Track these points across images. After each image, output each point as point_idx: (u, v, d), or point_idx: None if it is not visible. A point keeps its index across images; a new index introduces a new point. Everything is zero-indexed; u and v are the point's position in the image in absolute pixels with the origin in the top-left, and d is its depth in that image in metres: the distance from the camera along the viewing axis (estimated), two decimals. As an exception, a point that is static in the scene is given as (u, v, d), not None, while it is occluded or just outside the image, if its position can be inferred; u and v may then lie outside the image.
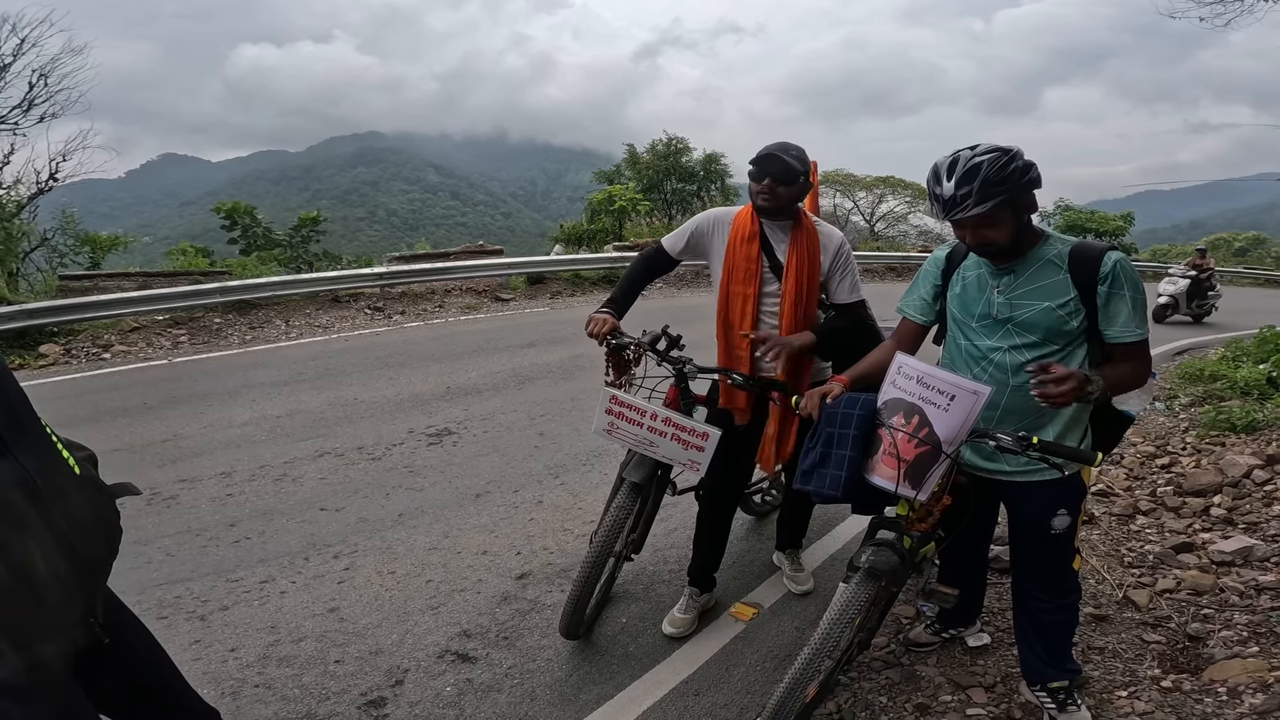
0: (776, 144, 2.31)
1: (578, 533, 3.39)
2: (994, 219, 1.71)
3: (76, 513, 1.16)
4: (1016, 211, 1.73)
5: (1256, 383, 5.60)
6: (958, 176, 1.67)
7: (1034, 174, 1.71)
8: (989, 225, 1.72)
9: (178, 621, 2.73)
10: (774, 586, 2.94)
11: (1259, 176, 50.75)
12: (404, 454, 4.46)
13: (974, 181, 1.65)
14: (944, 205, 1.71)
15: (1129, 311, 1.76)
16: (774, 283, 2.39)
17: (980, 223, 1.72)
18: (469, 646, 2.56)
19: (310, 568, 3.12)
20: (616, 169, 20.89)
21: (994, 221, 1.71)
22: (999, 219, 1.71)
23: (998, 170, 1.65)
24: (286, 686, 2.36)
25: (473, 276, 11.41)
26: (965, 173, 1.66)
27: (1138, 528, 3.45)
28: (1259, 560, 2.99)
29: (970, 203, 1.66)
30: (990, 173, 1.65)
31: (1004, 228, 1.73)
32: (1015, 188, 1.67)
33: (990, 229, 1.73)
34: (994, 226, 1.72)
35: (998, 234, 1.73)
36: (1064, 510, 1.89)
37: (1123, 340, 1.78)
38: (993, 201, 1.66)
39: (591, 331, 2.39)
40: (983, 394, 1.68)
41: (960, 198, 1.67)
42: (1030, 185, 1.71)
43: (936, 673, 2.38)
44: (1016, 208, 1.72)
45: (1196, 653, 2.43)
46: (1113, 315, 1.77)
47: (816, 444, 1.91)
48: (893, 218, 28.62)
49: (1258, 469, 3.82)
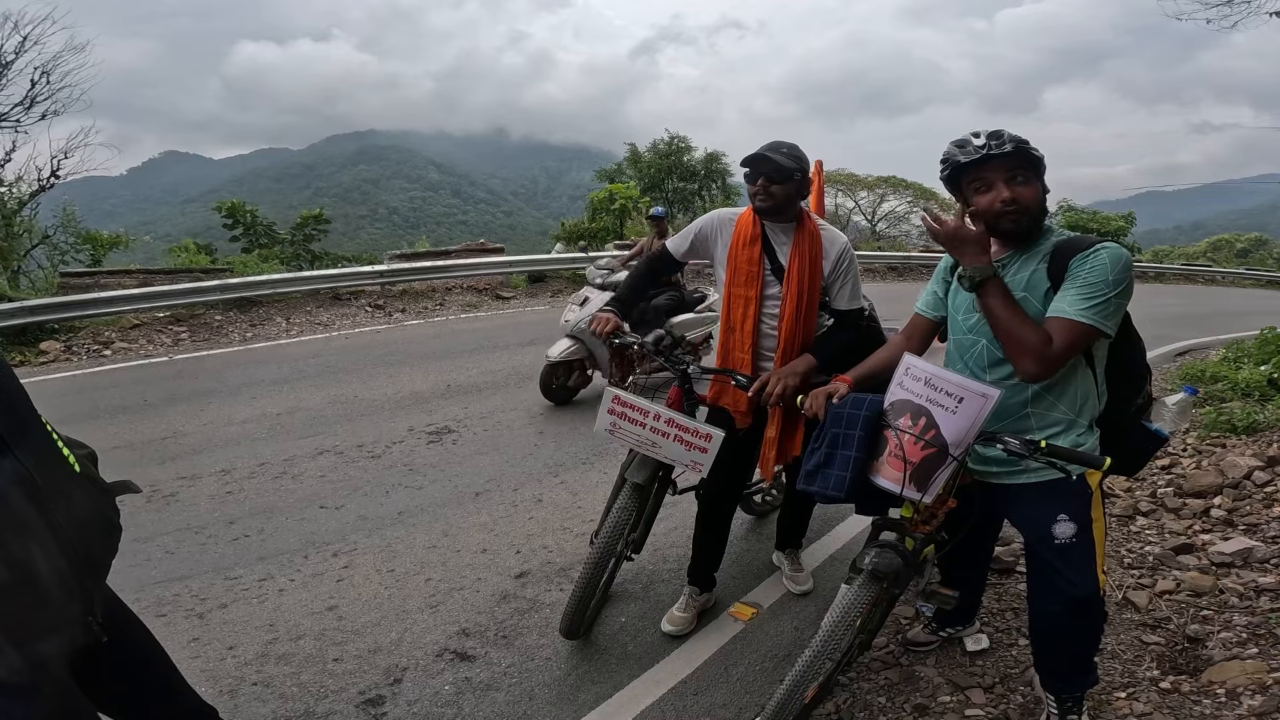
0: (769, 144, 2.30)
1: (577, 531, 3.39)
2: (1026, 176, 1.69)
3: (76, 511, 1.16)
4: (1041, 182, 1.72)
5: (1257, 384, 5.60)
6: (991, 133, 1.69)
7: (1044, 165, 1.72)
8: (1022, 182, 1.69)
9: (176, 619, 2.73)
10: (773, 586, 2.93)
11: (1260, 178, 50.79)
12: (404, 452, 4.46)
13: (1004, 138, 1.67)
14: (978, 151, 1.68)
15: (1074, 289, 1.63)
16: (775, 285, 2.38)
17: (1014, 175, 1.68)
18: (468, 645, 2.56)
19: (309, 565, 3.12)
20: (618, 167, 20.91)
21: (1026, 179, 1.69)
22: (1028, 178, 1.70)
23: (1022, 139, 1.67)
24: (285, 684, 2.36)
25: (473, 275, 11.41)
26: (996, 131, 1.69)
27: (1137, 529, 3.45)
28: (1259, 562, 2.98)
29: (1005, 143, 1.66)
30: (1015, 135, 1.67)
31: (1034, 189, 1.71)
32: (1040, 160, 1.69)
33: (1023, 186, 1.69)
34: (1023, 184, 1.69)
35: (1028, 192, 1.69)
36: (1065, 516, 1.78)
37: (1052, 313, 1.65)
38: (1025, 149, 1.66)
39: (595, 330, 2.38)
40: (991, 397, 1.65)
41: (994, 144, 1.67)
42: (1043, 167, 1.72)
43: (935, 673, 2.38)
44: (1040, 178, 1.72)
45: (1195, 654, 2.42)
46: (1061, 291, 1.66)
47: (821, 444, 1.90)
48: (894, 217, 28.64)
49: (1258, 470, 3.81)
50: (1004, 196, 1.69)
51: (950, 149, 1.75)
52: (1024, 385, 1.77)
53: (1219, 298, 17.91)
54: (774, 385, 2.22)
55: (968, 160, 1.70)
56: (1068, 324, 1.62)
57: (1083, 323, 1.61)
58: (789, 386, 2.21)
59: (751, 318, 2.39)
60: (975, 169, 1.71)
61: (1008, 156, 1.67)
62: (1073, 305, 1.62)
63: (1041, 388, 1.77)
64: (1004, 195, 1.69)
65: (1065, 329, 1.62)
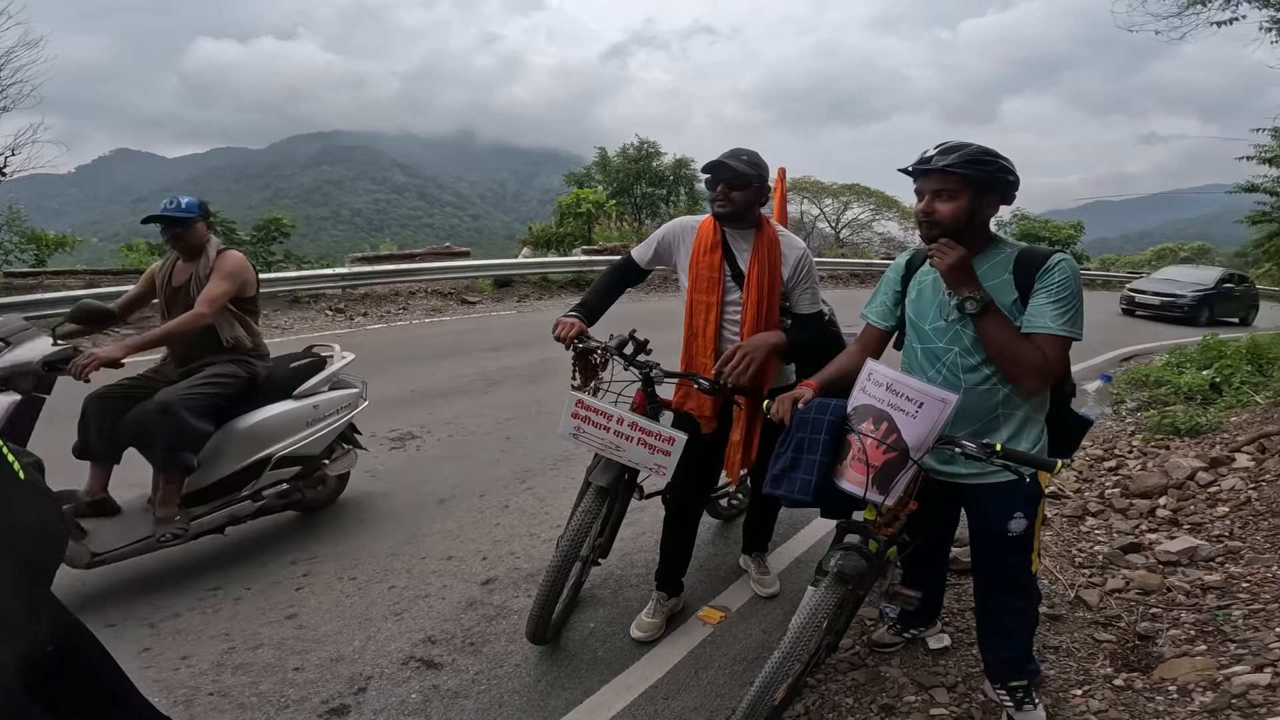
0: (728, 150, 2.34)
1: (545, 537, 3.36)
2: (951, 193, 1.77)
3: (19, 518, 1.12)
4: (975, 200, 1.78)
5: (1199, 388, 5.86)
6: (943, 147, 1.77)
7: (1009, 180, 1.79)
8: (943, 197, 1.78)
9: (126, 629, 2.63)
10: (741, 590, 2.95)
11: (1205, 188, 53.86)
12: (365, 458, 4.34)
13: (953, 154, 1.74)
14: (923, 161, 1.78)
15: (1049, 304, 1.76)
16: (736, 291, 2.41)
17: (937, 190, 1.78)
18: (434, 653, 2.52)
19: (266, 574, 3.03)
20: (587, 172, 20.89)
21: (950, 195, 1.77)
22: (955, 195, 1.77)
23: (978, 155, 1.74)
24: (243, 694, 2.29)
25: (439, 278, 11.28)
26: (952, 146, 1.77)
27: (1087, 529, 3.56)
28: (1204, 560, 3.10)
29: (937, 159, 1.74)
30: (972, 153, 1.74)
31: (955, 207, 1.77)
32: (985, 178, 1.75)
33: (942, 201, 1.78)
34: (947, 200, 1.77)
35: (946, 209, 1.78)
36: (1020, 513, 1.92)
37: (1035, 329, 1.76)
38: (958, 169, 1.72)
39: (558, 335, 2.38)
40: (950, 401, 1.72)
41: (934, 156, 1.76)
42: (1000, 186, 1.79)
43: (900, 673, 2.42)
44: (977, 197, 1.78)
45: (1147, 651, 2.51)
46: (1034, 306, 1.78)
47: (787, 449, 1.92)
48: (857, 225, 29.20)
49: (1201, 471, 3.98)
50: (920, 208, 1.82)
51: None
52: (996, 390, 1.87)
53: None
54: (738, 361, 2.25)
55: (910, 169, 1.82)
56: (1057, 340, 1.76)
57: (1068, 336, 1.76)
58: (754, 363, 2.25)
59: (713, 323, 2.41)
60: (917, 178, 1.83)
61: (937, 173, 1.76)
62: (1055, 321, 1.75)
63: (1011, 390, 1.86)
64: (921, 207, 1.82)
65: (1056, 344, 1.76)
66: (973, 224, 1.81)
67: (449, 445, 4.63)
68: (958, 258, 1.77)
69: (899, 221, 28.35)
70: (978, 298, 1.77)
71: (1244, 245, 10.43)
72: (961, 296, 1.79)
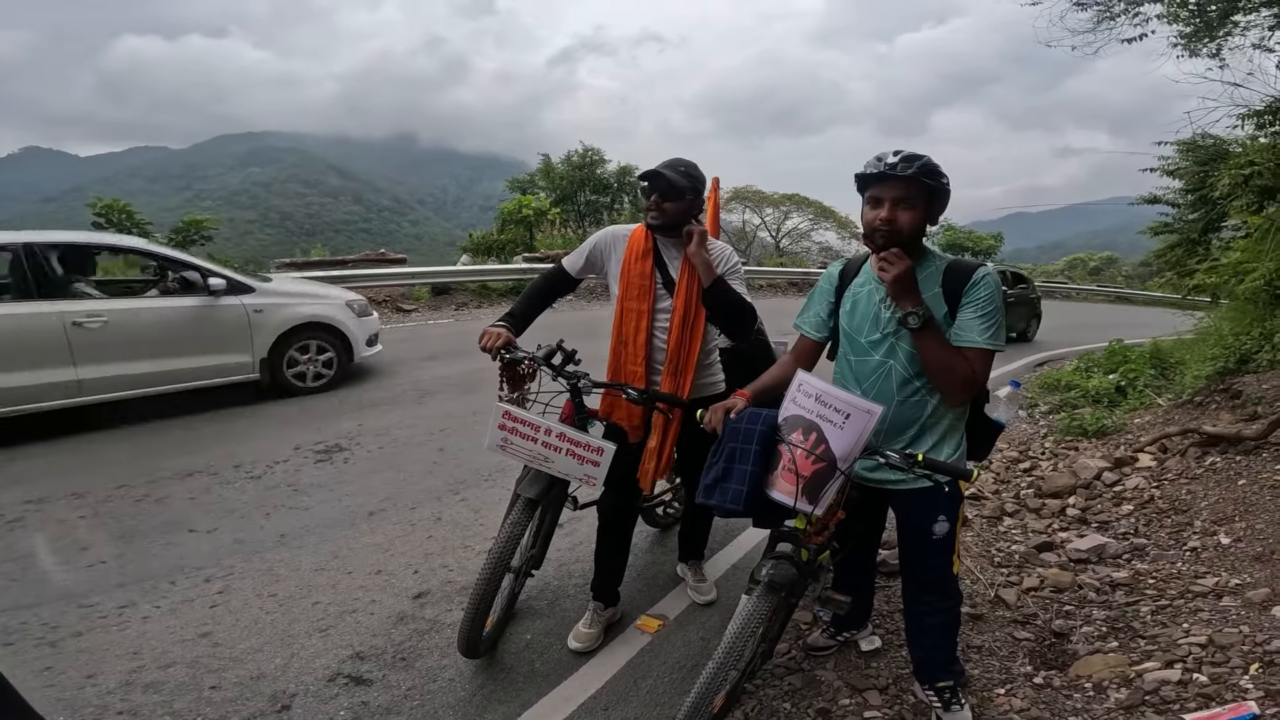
0: (666, 161, 2.35)
1: (479, 549, 3.28)
2: (913, 202, 1.81)
3: None
4: (928, 210, 1.84)
5: (1106, 391, 6.24)
6: (904, 155, 1.80)
7: (947, 196, 1.86)
8: (906, 206, 1.81)
9: (25, 648, 2.47)
10: (678, 598, 2.95)
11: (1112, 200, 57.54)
12: (287, 472, 4.17)
13: (915, 163, 1.78)
14: (882, 164, 1.80)
15: (976, 319, 1.82)
16: (667, 299, 2.42)
17: (901, 199, 1.81)
18: (363, 669, 2.41)
19: (177, 591, 2.85)
20: (530, 178, 20.67)
21: (911, 205, 1.81)
22: (916, 205, 1.81)
23: (936, 167, 1.80)
24: (155, 714, 2.17)
25: (372, 286, 10.92)
26: (911, 156, 1.80)
27: (1005, 529, 3.71)
28: (1112, 558, 3.28)
29: (903, 166, 1.78)
30: (931, 164, 1.80)
31: (915, 216, 1.82)
32: (939, 189, 1.82)
33: (905, 210, 1.81)
34: (909, 210, 1.81)
35: (907, 218, 1.81)
36: (944, 516, 1.99)
37: (963, 344, 1.83)
38: (924, 179, 1.78)
39: (485, 345, 2.34)
40: (875, 413, 1.76)
41: (900, 164, 1.79)
42: (944, 196, 1.85)
43: (835, 677, 2.46)
44: (929, 207, 1.84)
45: (1062, 649, 2.60)
46: (962, 320, 1.84)
47: (720, 459, 1.93)
48: (797, 234, 29.89)
49: (1107, 471, 4.22)
50: (883, 216, 1.82)
51: (870, 160, 1.86)
52: (925, 402, 1.93)
53: (1074, 312, 19.77)
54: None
55: (871, 173, 1.82)
56: (983, 353, 1.83)
57: (992, 349, 1.84)
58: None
59: (644, 330, 2.41)
60: (876, 183, 1.83)
61: (903, 180, 1.79)
62: (981, 335, 1.82)
63: (939, 402, 1.92)
64: (883, 215, 1.82)
65: (982, 357, 1.83)
66: (920, 235, 1.87)
67: (379, 457, 4.47)
68: (905, 269, 1.80)
69: (836, 231, 29.20)
70: (919, 313, 1.81)
71: (1147, 255, 11.18)
72: (905, 311, 1.83)
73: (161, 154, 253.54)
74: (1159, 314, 14.32)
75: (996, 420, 2.09)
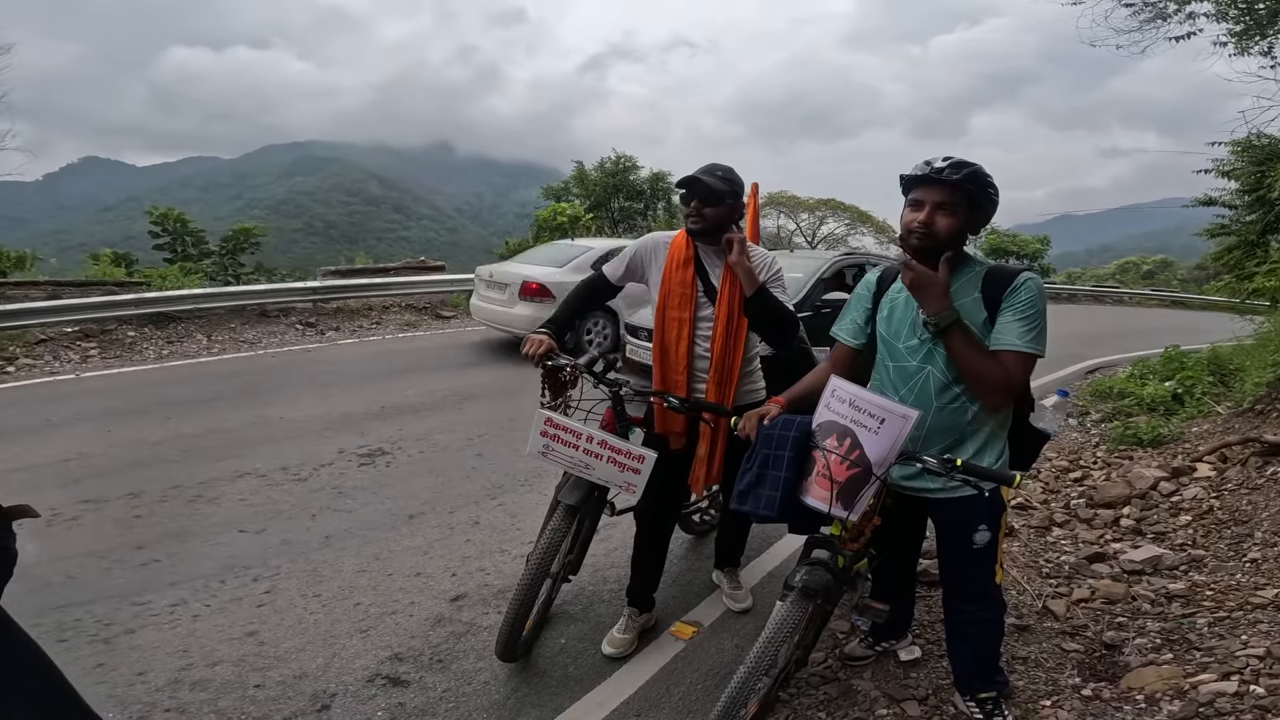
0: (704, 166, 2.34)
1: (515, 554, 3.31)
2: (953, 208, 1.79)
3: None
4: (970, 217, 1.82)
5: (1162, 399, 5.99)
6: (953, 161, 1.79)
7: (994, 207, 1.83)
8: (946, 211, 1.79)
9: (79, 645, 2.56)
10: (713, 605, 2.93)
11: (1165, 201, 56.00)
12: (333, 474, 4.28)
13: (963, 170, 1.76)
14: (929, 167, 1.79)
15: (1015, 322, 1.78)
16: (709, 307, 2.40)
17: (941, 204, 1.78)
18: (401, 670, 2.46)
19: (226, 591, 2.94)
20: (564, 185, 20.87)
21: (951, 211, 1.79)
22: (955, 211, 1.79)
23: (983, 175, 1.78)
24: (201, 711, 2.23)
25: (412, 293, 11.15)
26: (960, 162, 1.79)
27: (1053, 539, 3.61)
28: (1168, 569, 3.16)
29: (949, 172, 1.76)
30: (979, 172, 1.78)
31: (953, 222, 1.80)
32: (984, 198, 1.80)
33: (944, 216, 1.79)
34: (948, 215, 1.79)
35: (946, 223, 1.79)
36: (984, 526, 1.94)
37: (1001, 347, 1.78)
38: (969, 184, 1.76)
39: (527, 352, 2.35)
40: (911, 418, 1.73)
41: (948, 170, 1.77)
42: (990, 206, 1.83)
43: (872, 686, 2.41)
44: (971, 214, 1.82)
45: (1113, 661, 2.53)
46: (1001, 324, 1.80)
47: (753, 465, 1.92)
48: (834, 239, 29.48)
49: (1163, 481, 4.06)
50: (921, 219, 1.80)
51: (918, 164, 1.84)
52: (965, 408, 1.88)
53: (1127, 317, 19.11)
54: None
55: (916, 175, 1.81)
56: (1022, 357, 1.78)
57: (1032, 353, 1.79)
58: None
59: (686, 339, 2.40)
60: (920, 186, 1.82)
61: (947, 184, 1.77)
62: (1021, 339, 1.77)
63: (980, 408, 1.87)
64: (921, 218, 1.80)
65: (1021, 362, 1.78)
66: (958, 242, 1.84)
67: (420, 461, 4.55)
68: (923, 273, 1.78)
69: (874, 236, 28.70)
70: (939, 320, 1.78)
71: (1203, 257, 10.71)
72: (925, 316, 1.81)
73: (213, 164, 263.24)
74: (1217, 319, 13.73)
75: (1042, 429, 2.04)
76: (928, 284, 1.78)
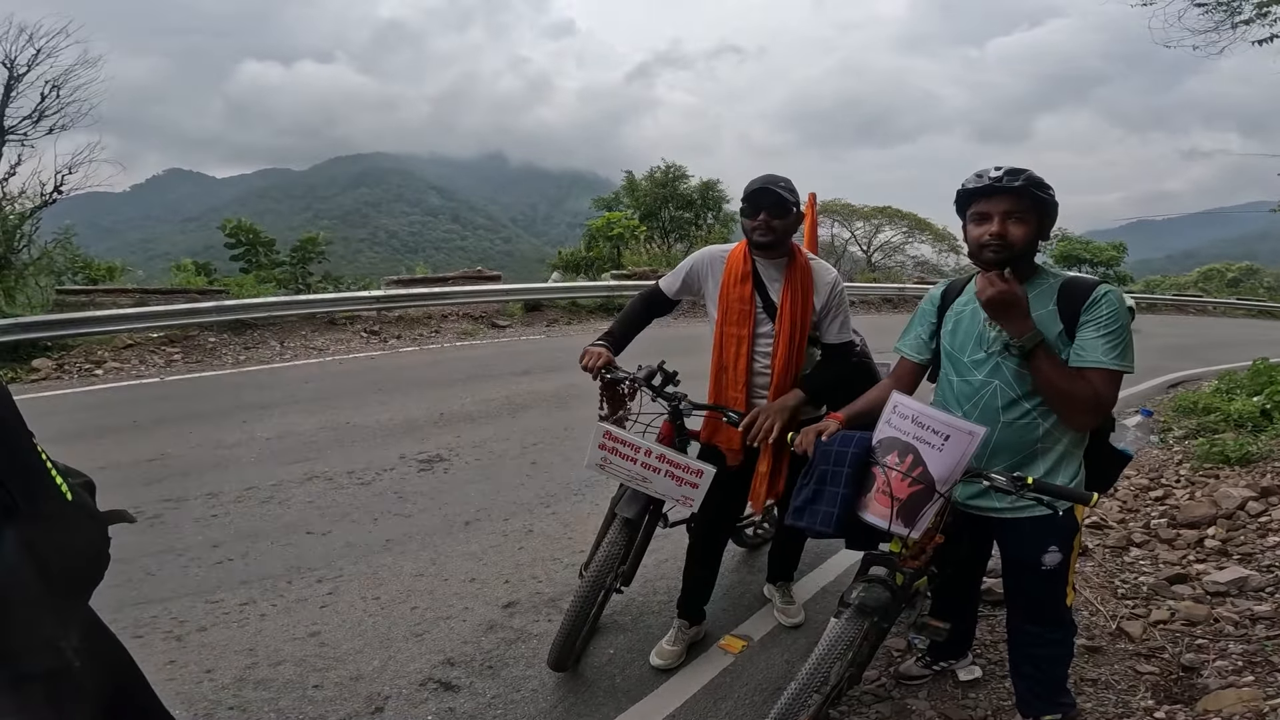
0: (765, 176, 2.26)
1: (567, 562, 3.35)
2: (1024, 216, 1.73)
3: (62, 538, 1.15)
4: (1039, 225, 1.76)
5: (1250, 415, 5.61)
6: (1008, 169, 1.74)
7: (1057, 207, 1.77)
8: (1016, 219, 1.73)
9: (154, 640, 2.70)
10: (764, 619, 2.90)
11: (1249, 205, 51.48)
12: (394, 479, 4.43)
13: (1021, 175, 1.72)
14: (986, 178, 1.74)
15: (1100, 338, 1.70)
16: (768, 323, 2.35)
17: (1010, 213, 1.72)
18: (452, 675, 2.52)
19: (293, 591, 3.07)
20: (615, 195, 21.05)
21: (1022, 219, 1.73)
22: (1027, 218, 1.73)
23: (1041, 180, 1.73)
24: (262, 711, 2.32)
25: (470, 302, 11.45)
26: (1014, 169, 1.74)
27: (1131, 559, 3.43)
28: (1254, 590, 2.97)
29: (1008, 179, 1.71)
30: (1036, 176, 1.72)
31: (1027, 230, 1.74)
32: (1048, 202, 1.74)
33: (1015, 224, 1.73)
34: (1019, 223, 1.73)
35: (1019, 232, 1.73)
36: (1055, 547, 1.86)
37: (1086, 364, 1.70)
38: (1032, 189, 1.70)
39: (586, 365, 2.36)
40: (977, 434, 1.67)
41: (1006, 177, 1.72)
42: (1054, 209, 1.77)
43: (927, 706, 2.34)
44: (1040, 221, 1.76)
45: (1190, 683, 2.40)
46: (1083, 340, 1.72)
47: (810, 480, 1.90)
48: (889, 248, 28.76)
49: (1252, 500, 3.81)
50: (993, 231, 1.73)
51: (969, 177, 1.79)
52: (1036, 425, 1.82)
53: (1211, 328, 17.98)
54: (763, 422, 2.22)
55: (975, 188, 1.75)
56: (1110, 374, 1.71)
57: (1120, 370, 1.71)
58: (778, 424, 2.21)
59: (744, 356, 2.36)
60: (981, 198, 1.76)
61: (1012, 193, 1.71)
62: (1107, 355, 1.69)
63: (1052, 425, 1.80)
64: (994, 230, 1.73)
65: (1108, 379, 1.71)
66: (1032, 251, 1.78)
67: (476, 468, 4.66)
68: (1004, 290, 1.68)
69: (932, 244, 27.84)
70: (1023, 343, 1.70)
71: (1292, 264, 9.98)
72: (1009, 340, 1.75)
73: (286, 175, 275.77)
74: (1312, 326, 12.75)
75: (1123, 450, 1.93)
76: (1012, 302, 1.70)
